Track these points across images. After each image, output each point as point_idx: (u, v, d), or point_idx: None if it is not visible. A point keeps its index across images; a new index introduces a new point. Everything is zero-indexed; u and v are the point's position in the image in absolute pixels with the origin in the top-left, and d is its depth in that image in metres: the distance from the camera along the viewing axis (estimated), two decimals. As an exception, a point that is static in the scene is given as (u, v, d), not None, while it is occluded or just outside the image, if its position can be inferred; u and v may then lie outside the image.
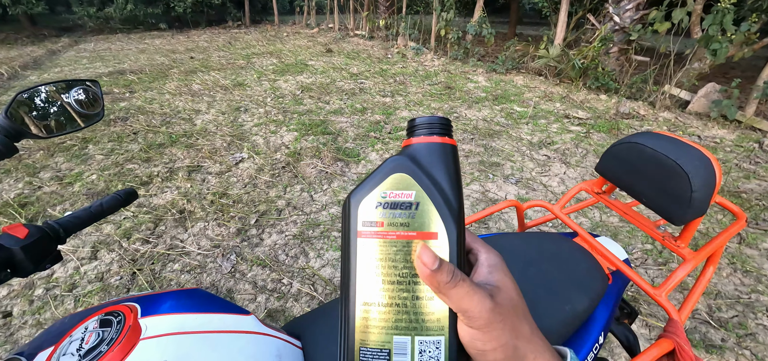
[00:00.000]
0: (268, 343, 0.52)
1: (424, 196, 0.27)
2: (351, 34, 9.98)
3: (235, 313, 0.53)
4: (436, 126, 0.30)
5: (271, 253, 1.94)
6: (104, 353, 0.40)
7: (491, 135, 3.46)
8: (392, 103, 4.38)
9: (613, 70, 5.15)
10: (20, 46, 8.32)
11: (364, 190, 0.28)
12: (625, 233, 2.13)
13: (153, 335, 0.44)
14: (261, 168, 2.78)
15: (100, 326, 0.44)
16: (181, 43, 8.77)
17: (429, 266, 0.25)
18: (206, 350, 0.45)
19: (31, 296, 1.67)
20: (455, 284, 0.25)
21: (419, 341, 0.26)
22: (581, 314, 0.68)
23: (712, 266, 0.83)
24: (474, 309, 0.25)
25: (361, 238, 0.28)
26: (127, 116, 3.79)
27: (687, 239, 0.79)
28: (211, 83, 5.10)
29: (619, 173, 0.84)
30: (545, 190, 2.58)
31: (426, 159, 0.29)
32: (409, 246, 0.27)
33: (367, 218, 0.28)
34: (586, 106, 4.41)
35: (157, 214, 2.22)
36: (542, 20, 8.51)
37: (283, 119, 3.77)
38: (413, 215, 0.27)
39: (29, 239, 0.49)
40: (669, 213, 0.74)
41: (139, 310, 0.47)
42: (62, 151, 3.00)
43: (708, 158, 0.72)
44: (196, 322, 0.48)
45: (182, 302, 0.51)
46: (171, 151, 3.05)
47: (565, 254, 0.80)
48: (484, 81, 5.51)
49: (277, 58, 6.94)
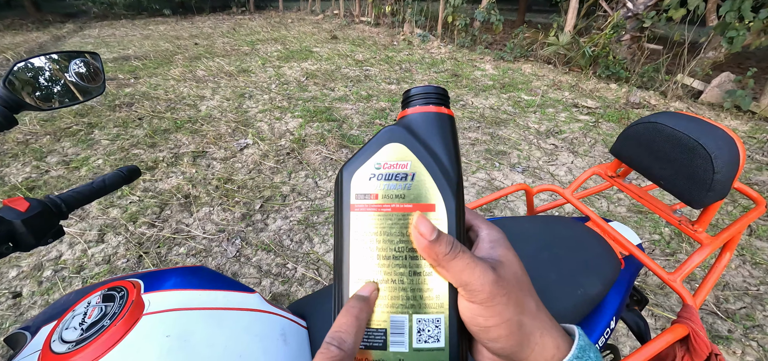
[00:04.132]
0: (273, 321, 0.52)
1: (420, 166, 0.26)
2: (356, 21, 9.86)
3: (240, 291, 0.53)
4: (433, 95, 0.28)
5: (275, 238, 1.94)
6: (107, 327, 0.40)
7: (498, 123, 3.41)
8: (398, 90, 4.33)
9: (624, 59, 5.04)
10: (25, 32, 8.32)
11: (358, 161, 0.27)
12: (633, 223, 2.10)
13: (156, 310, 0.43)
14: (266, 154, 2.77)
15: (102, 301, 0.43)
16: (186, 29, 8.72)
17: (426, 237, 0.24)
18: (210, 326, 0.45)
19: (40, 277, 1.69)
20: (455, 256, 0.24)
21: (417, 319, 0.25)
22: (594, 298, 0.66)
23: (728, 252, 0.80)
24: (475, 282, 0.23)
25: (354, 211, 0.26)
26: (132, 102, 3.79)
27: (705, 224, 0.77)
28: (216, 69, 5.08)
29: (635, 155, 0.81)
30: (552, 179, 2.55)
31: (422, 129, 0.27)
32: (405, 219, 0.26)
33: (360, 191, 0.26)
34: (595, 96, 4.33)
35: (162, 198, 2.23)
36: (553, 7, 8.32)
37: (288, 106, 3.75)
38: (409, 186, 0.26)
39: (30, 212, 0.48)
40: (688, 196, 0.71)
41: (142, 286, 0.46)
42: (68, 136, 3.01)
43: (732, 138, 0.69)
44: (201, 298, 0.48)
45: (186, 278, 0.50)
46: (176, 136, 3.05)
47: (578, 238, 0.78)
48: (492, 69, 5.43)
49: (282, 44, 6.89)
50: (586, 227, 0.83)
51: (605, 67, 4.95)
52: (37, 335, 0.45)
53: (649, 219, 2.12)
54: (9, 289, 1.63)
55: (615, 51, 5.08)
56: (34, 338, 0.45)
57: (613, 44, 5.11)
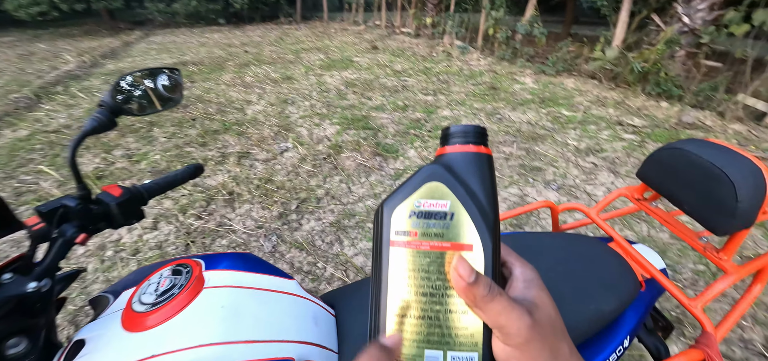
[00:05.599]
0: (306, 306, 0.59)
1: (459, 206, 0.27)
2: (397, 32, 10.04)
3: (281, 277, 0.61)
4: (471, 135, 0.29)
5: (308, 237, 2.05)
6: (175, 295, 0.49)
7: (535, 139, 3.35)
8: (434, 101, 4.37)
9: (677, 76, 4.75)
10: (100, 38, 9.30)
11: (397, 198, 0.28)
12: (675, 250, 1.98)
13: (214, 285, 0.52)
14: (304, 158, 2.92)
15: (172, 274, 0.53)
16: (237, 38, 9.32)
17: (465, 279, 0.24)
18: (255, 303, 0.53)
19: (102, 256, 1.90)
20: (492, 299, 0.24)
21: (452, 356, 0.25)
22: (607, 315, 0.68)
23: (759, 284, 0.78)
24: (512, 326, 0.24)
25: (393, 247, 0.27)
26: (188, 104, 4.13)
27: (731, 252, 0.75)
28: (263, 76, 5.40)
29: (661, 179, 0.81)
30: (589, 198, 2.47)
31: (461, 168, 0.28)
32: (442, 257, 0.26)
33: (399, 228, 0.27)
34: (643, 114, 4.11)
35: (209, 194, 2.42)
36: (600, 20, 7.99)
37: (327, 113, 3.91)
38: (448, 225, 0.27)
39: (122, 197, 0.60)
40: (712, 223, 0.70)
41: (203, 265, 0.56)
42: (132, 133, 3.35)
43: (758, 168, 0.68)
44: (248, 279, 0.56)
45: (238, 261, 0.59)
46: (224, 137, 3.29)
47: (596, 256, 0.79)
48: (532, 83, 5.31)
49: (325, 53, 7.17)
50: (607, 246, 0.83)
51: (656, 84, 4.69)
52: (119, 298, 0.55)
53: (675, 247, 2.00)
54: (77, 264, 1.86)
55: (667, 67, 4.80)
56: (116, 300, 0.55)
57: (666, 60, 4.83)
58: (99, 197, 0.60)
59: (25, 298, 0.46)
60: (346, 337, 0.62)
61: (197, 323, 0.47)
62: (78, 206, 0.55)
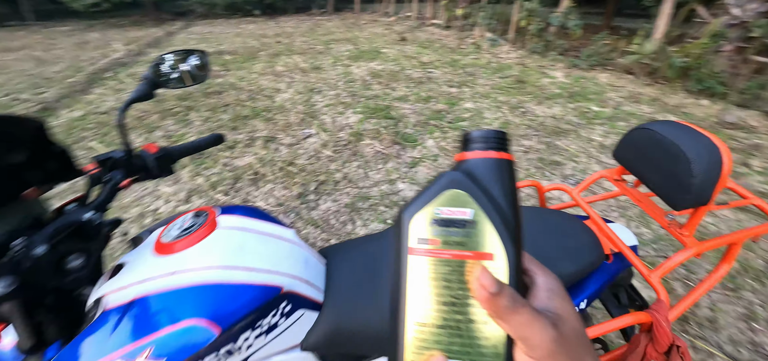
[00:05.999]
0: (300, 251, 0.72)
1: (481, 214, 0.26)
2: (427, 24, 9.97)
3: (281, 226, 0.74)
4: (493, 140, 0.28)
5: (324, 216, 2.17)
6: (195, 230, 0.63)
7: (557, 133, 3.29)
8: (458, 93, 4.38)
9: (722, 72, 4.45)
10: (146, 28, 9.92)
11: (417, 205, 0.27)
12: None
13: (225, 227, 0.66)
14: (325, 144, 3.05)
15: (193, 217, 0.67)
16: (271, 28, 9.63)
17: (488, 289, 0.24)
18: (256, 242, 0.66)
19: (142, 223, 2.12)
20: (516, 310, 0.23)
21: None
22: (564, 278, 0.73)
23: (726, 264, 0.80)
24: (535, 338, 0.23)
25: (413, 255, 0.27)
26: (222, 91, 4.39)
27: (692, 228, 0.79)
28: (292, 66, 5.59)
29: (632, 159, 0.86)
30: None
31: (483, 175, 0.27)
32: (463, 266, 0.26)
33: (420, 235, 0.27)
34: (680, 112, 3.92)
35: (236, 173, 2.61)
36: (644, 11, 7.54)
37: (351, 102, 4.02)
38: (469, 233, 0.26)
39: (157, 155, 0.76)
40: (671, 199, 0.74)
41: (218, 212, 0.69)
42: (171, 116, 3.62)
43: (715, 146, 0.71)
44: (254, 225, 0.69)
45: (246, 211, 0.72)
46: (253, 122, 3.49)
47: (566, 229, 0.84)
48: (563, 77, 5.16)
49: (353, 44, 7.28)
50: (580, 222, 0.88)
51: (697, 81, 4.43)
52: (152, 234, 0.69)
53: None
54: (120, 231, 2.08)
55: (711, 63, 4.51)
56: (149, 236, 0.69)
57: (710, 55, 4.54)
58: (140, 152, 0.75)
59: (82, 224, 0.60)
60: (333, 283, 0.73)
61: (209, 251, 0.61)
62: (124, 157, 0.70)
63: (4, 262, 0.52)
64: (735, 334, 1.50)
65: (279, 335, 0.63)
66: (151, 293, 0.57)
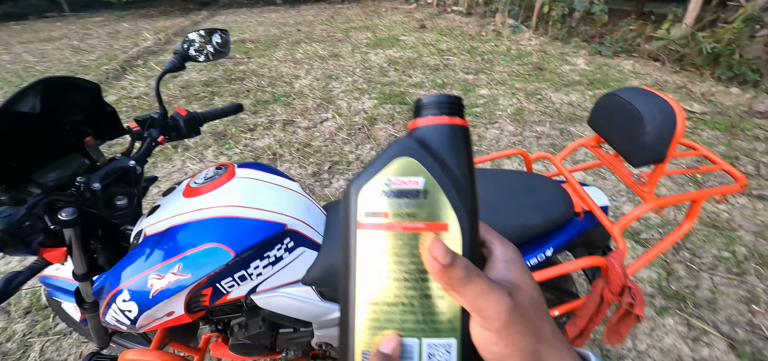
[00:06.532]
0: (304, 200, 0.85)
1: (433, 183, 0.25)
2: (448, 10, 9.86)
3: (288, 179, 0.87)
4: (446, 105, 0.27)
5: (335, 192, 2.30)
6: (216, 178, 0.77)
7: (572, 120, 3.27)
8: (474, 80, 4.38)
9: (756, 59, 4.25)
10: (173, 18, 10.29)
11: (366, 176, 0.26)
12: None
13: (241, 177, 0.80)
14: (341, 127, 3.16)
15: (215, 169, 0.81)
16: (292, 17, 9.80)
17: (440, 261, 0.23)
18: (266, 189, 0.80)
19: (170, 198, 2.31)
20: (470, 281, 0.23)
21: (428, 343, 0.24)
22: (532, 228, 0.82)
23: (688, 222, 0.86)
24: (490, 309, 0.22)
25: (362, 229, 0.25)
26: (244, 77, 4.57)
27: (652, 185, 0.87)
28: (312, 53, 5.72)
29: (602, 124, 0.92)
30: (614, 184, 2.43)
31: (435, 142, 0.26)
32: (416, 239, 0.24)
33: (369, 208, 0.25)
34: (706, 99, 3.79)
35: (256, 153, 2.77)
36: (677, -3, 7.17)
37: (367, 88, 4.11)
38: (421, 204, 0.25)
39: (188, 117, 0.92)
40: (630, 156, 0.82)
41: (236, 166, 0.83)
42: (197, 100, 3.82)
43: (669, 106, 0.76)
44: (265, 177, 0.83)
45: (259, 166, 0.86)
46: (273, 107, 3.64)
47: (540, 189, 0.92)
48: (584, 64, 5.05)
49: (372, 32, 7.33)
50: (554, 183, 0.96)
51: (727, 68, 4.24)
52: (182, 183, 0.84)
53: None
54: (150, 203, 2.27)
55: (744, 49, 4.31)
56: (180, 184, 0.84)
57: (743, 41, 4.33)
58: (173, 115, 0.92)
59: (127, 170, 0.76)
60: (332, 230, 0.86)
61: (228, 194, 0.75)
62: (160, 118, 0.87)
63: (71, 193, 0.67)
64: (733, 315, 1.52)
65: (283, 267, 0.76)
66: (181, 223, 0.71)
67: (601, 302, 0.77)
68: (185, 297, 0.72)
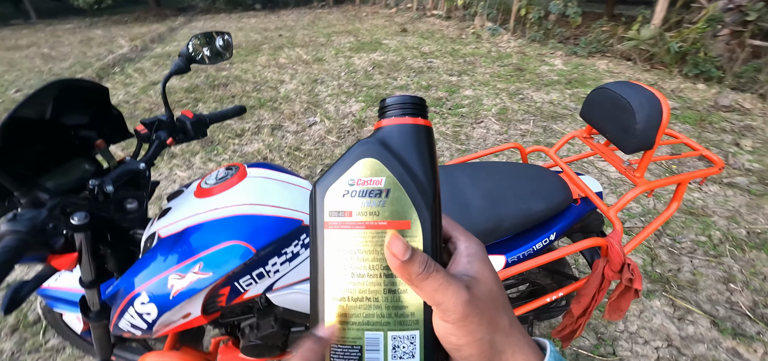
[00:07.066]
0: None
1: (395, 182, 0.26)
2: (428, 14, 10.00)
3: (299, 177, 0.88)
4: (409, 106, 0.28)
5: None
6: (228, 179, 0.77)
7: (554, 118, 3.39)
8: (457, 81, 4.47)
9: (718, 56, 4.52)
10: (148, 24, 10.02)
11: (331, 177, 0.27)
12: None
13: (254, 176, 0.80)
14: (330, 130, 3.16)
15: (226, 170, 0.81)
16: (272, 22, 9.71)
17: (399, 257, 0.23)
18: (279, 188, 0.80)
19: (162, 200, 2.25)
20: (428, 276, 0.24)
21: (392, 336, 0.25)
22: (536, 214, 0.87)
23: (675, 203, 0.93)
24: (448, 302, 0.23)
25: (328, 229, 0.26)
26: (227, 83, 4.50)
27: (642, 170, 0.94)
28: (295, 58, 5.69)
29: (594, 116, 0.99)
30: (600, 173, 2.54)
31: (397, 142, 0.27)
32: (380, 236, 0.25)
33: (334, 208, 0.26)
34: (676, 96, 4.00)
35: (246, 158, 2.74)
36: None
37: (353, 91, 4.13)
38: (383, 203, 0.26)
39: (194, 119, 0.90)
40: (621, 143, 0.88)
41: (246, 165, 0.83)
42: (180, 108, 3.74)
43: (656, 98, 0.83)
44: (276, 175, 0.84)
45: (269, 166, 0.87)
46: (259, 112, 3.60)
47: (539, 178, 0.98)
48: (561, 65, 5.24)
49: (355, 36, 7.36)
50: (553, 173, 1.02)
51: (694, 65, 4.50)
52: (190, 186, 0.83)
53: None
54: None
55: (708, 47, 4.58)
56: (188, 187, 0.83)
57: (707, 40, 4.60)
58: (179, 117, 0.91)
59: (135, 173, 0.74)
60: None
61: (242, 192, 0.75)
62: (167, 121, 0.86)
63: (84, 196, 0.66)
64: (713, 294, 1.62)
65: (299, 264, 0.77)
66: (198, 222, 0.70)
67: (603, 280, 0.83)
68: (204, 297, 0.72)
